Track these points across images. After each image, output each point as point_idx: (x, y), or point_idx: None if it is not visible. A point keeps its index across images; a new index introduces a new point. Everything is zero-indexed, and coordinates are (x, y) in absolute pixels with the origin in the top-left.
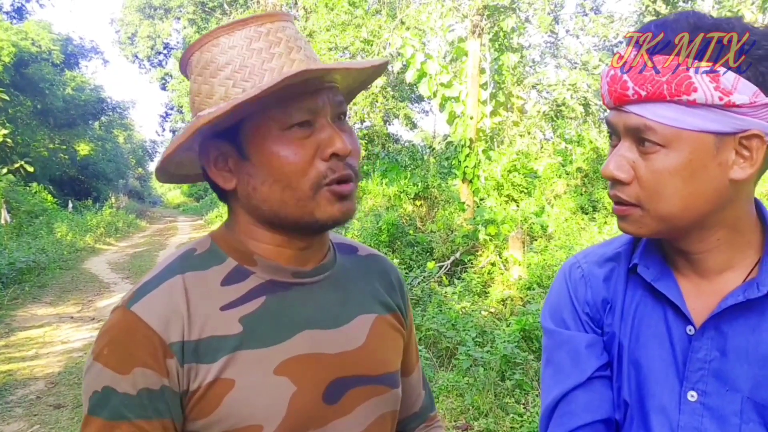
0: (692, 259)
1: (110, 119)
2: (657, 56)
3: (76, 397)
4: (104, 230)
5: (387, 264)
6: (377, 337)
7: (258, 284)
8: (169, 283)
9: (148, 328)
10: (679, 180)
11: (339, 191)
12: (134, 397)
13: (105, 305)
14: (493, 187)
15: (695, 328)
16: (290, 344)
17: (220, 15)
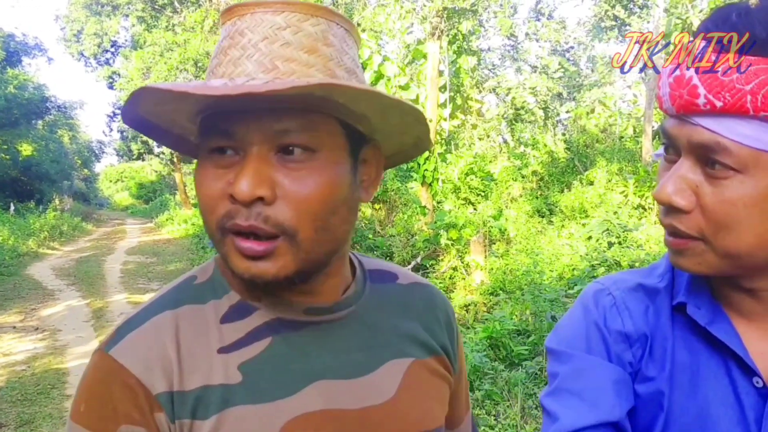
0: (757, 295)
1: (55, 119)
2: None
3: (19, 414)
4: (48, 234)
5: (434, 296)
6: (413, 387)
7: (263, 323)
8: (157, 320)
9: (129, 375)
10: (755, 213)
11: (241, 247)
12: None
13: (49, 314)
14: (451, 190)
15: (763, 381)
16: (300, 398)
17: (170, 12)
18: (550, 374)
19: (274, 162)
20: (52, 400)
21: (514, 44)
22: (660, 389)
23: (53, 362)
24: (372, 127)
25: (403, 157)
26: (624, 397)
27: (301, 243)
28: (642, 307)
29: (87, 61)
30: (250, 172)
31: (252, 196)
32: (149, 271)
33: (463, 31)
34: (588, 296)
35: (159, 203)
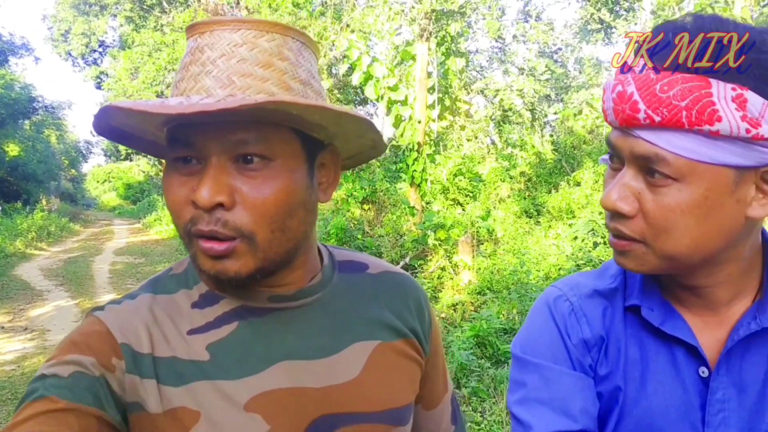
0: (700, 293)
1: (42, 119)
2: (677, 74)
3: (10, 413)
4: (36, 234)
5: (405, 284)
6: (378, 368)
7: (229, 309)
8: (136, 301)
9: (103, 326)
10: (691, 218)
11: (203, 248)
12: (64, 379)
13: (38, 314)
14: (439, 190)
15: (709, 369)
16: (264, 377)
17: (158, 13)
18: (515, 381)
19: (233, 170)
20: None
21: (501, 46)
22: (617, 385)
23: (43, 362)
24: (329, 133)
25: (363, 157)
26: (591, 403)
27: (259, 244)
28: (599, 311)
29: (75, 61)
30: (210, 180)
31: (211, 203)
32: (138, 272)
33: (451, 33)
34: (549, 303)
35: (146, 204)
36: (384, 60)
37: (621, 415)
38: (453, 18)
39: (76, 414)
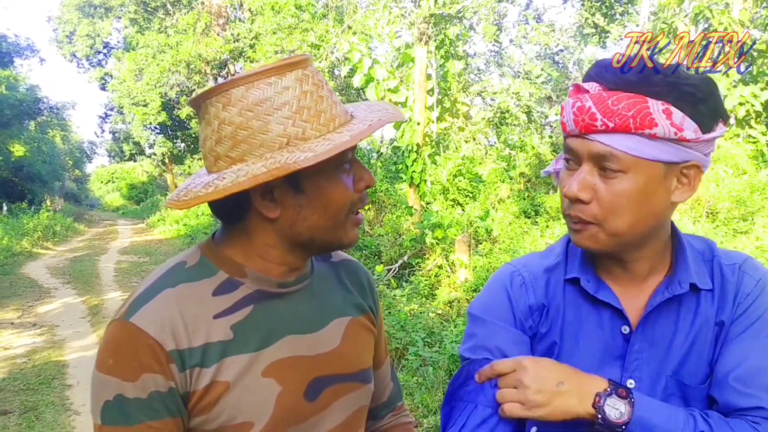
0: (626, 266)
1: (47, 119)
2: (620, 92)
3: (23, 402)
4: (41, 234)
5: (358, 268)
6: (351, 338)
7: (246, 294)
8: (162, 296)
9: (148, 336)
10: (634, 202)
11: (357, 219)
12: (146, 401)
13: (46, 311)
14: (439, 191)
15: (630, 327)
16: (274, 349)
17: (162, 15)
18: (468, 334)
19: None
20: (54, 389)
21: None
22: (554, 341)
23: (53, 355)
24: None
25: None
26: (519, 352)
27: None
28: (543, 283)
29: (79, 63)
30: (364, 168)
31: (374, 182)
32: (142, 270)
33: (450, 36)
34: (504, 277)
35: (150, 204)
36: (384, 62)
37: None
38: (451, 22)
39: (170, 427)
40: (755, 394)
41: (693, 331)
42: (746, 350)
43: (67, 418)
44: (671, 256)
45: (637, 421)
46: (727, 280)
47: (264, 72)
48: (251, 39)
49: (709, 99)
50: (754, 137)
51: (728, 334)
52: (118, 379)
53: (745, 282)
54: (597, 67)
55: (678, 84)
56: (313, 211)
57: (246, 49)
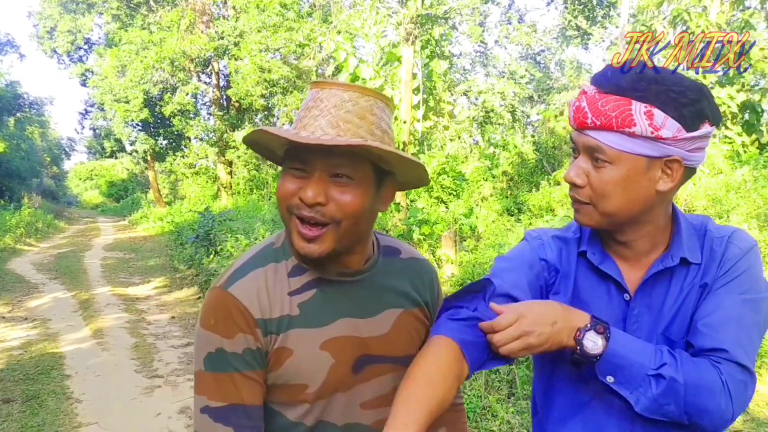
0: (628, 245)
1: (26, 116)
2: (610, 95)
3: (24, 391)
4: (24, 231)
5: (423, 266)
6: (400, 328)
7: (311, 279)
8: (253, 274)
9: (242, 305)
10: (619, 188)
11: (301, 230)
12: (240, 355)
13: (36, 305)
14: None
15: (630, 295)
16: (331, 327)
17: (145, 11)
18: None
19: (329, 182)
20: (53, 379)
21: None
22: (566, 301)
23: (48, 347)
24: (392, 166)
25: (412, 185)
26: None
27: (342, 229)
28: (557, 249)
29: (60, 59)
30: (314, 186)
31: (314, 201)
32: (129, 266)
33: (435, 36)
34: (528, 237)
35: (130, 201)
36: (370, 61)
37: None
38: (437, 22)
39: (258, 376)
40: (720, 338)
41: (681, 297)
42: (719, 302)
43: (69, 405)
44: (671, 235)
45: (610, 352)
46: (714, 251)
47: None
48: (236, 37)
49: (694, 103)
50: (730, 138)
51: (709, 292)
52: (219, 335)
53: (730, 250)
54: (598, 73)
55: (664, 89)
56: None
57: (231, 47)
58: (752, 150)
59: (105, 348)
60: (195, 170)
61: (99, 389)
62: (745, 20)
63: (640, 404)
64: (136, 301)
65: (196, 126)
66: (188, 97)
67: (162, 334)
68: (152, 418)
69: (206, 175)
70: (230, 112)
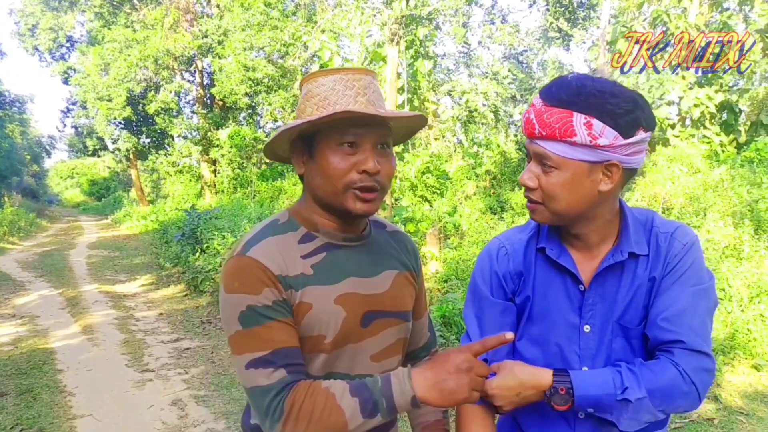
0: (580, 237)
1: (7, 114)
2: (554, 108)
3: (17, 385)
4: (7, 229)
5: (406, 238)
6: (397, 286)
7: (321, 244)
8: (265, 241)
9: (261, 264)
10: (565, 190)
11: (362, 196)
12: (271, 306)
13: (24, 302)
14: (408, 187)
15: (585, 286)
16: (342, 285)
17: (129, 9)
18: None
19: (377, 152)
20: (45, 373)
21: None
22: (528, 295)
23: (39, 343)
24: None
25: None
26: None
27: (384, 191)
28: (521, 252)
29: (41, 56)
30: (373, 157)
31: (377, 170)
32: (115, 264)
33: (419, 36)
34: (492, 249)
35: (112, 200)
36: (355, 61)
37: (530, 311)
38: (421, 23)
39: (290, 323)
40: (677, 330)
41: (633, 288)
42: (673, 297)
43: (63, 398)
44: (619, 228)
45: (578, 399)
46: (660, 245)
47: (319, 73)
48: (220, 35)
49: (629, 113)
50: (708, 138)
51: (660, 287)
52: (245, 294)
53: (674, 246)
54: (545, 87)
55: (601, 102)
56: (316, 174)
57: (215, 46)
58: (730, 150)
59: (95, 344)
60: (178, 169)
61: (91, 383)
62: (724, 22)
63: (623, 424)
64: (124, 298)
65: (180, 124)
66: (172, 96)
67: (151, 330)
68: (145, 409)
69: (190, 173)
70: (214, 110)
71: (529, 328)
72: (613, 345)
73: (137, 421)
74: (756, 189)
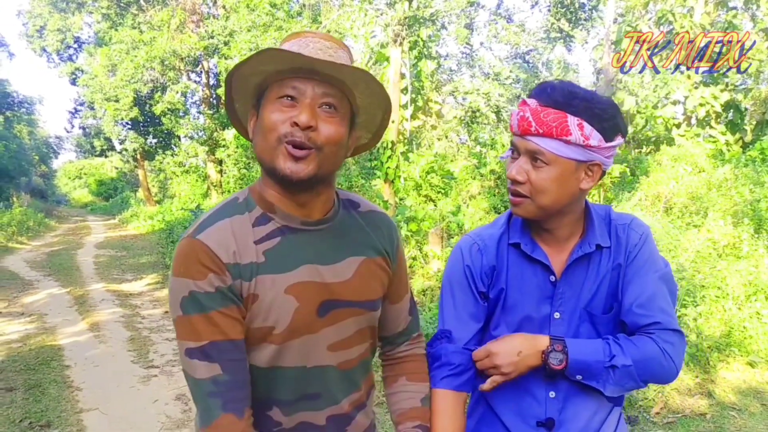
0: (551, 232)
1: (15, 114)
2: (549, 108)
3: (26, 381)
4: (16, 229)
5: (381, 218)
6: (362, 274)
7: (276, 228)
8: (220, 224)
9: (209, 249)
10: (554, 185)
11: (291, 152)
12: (214, 294)
13: (32, 301)
14: (412, 187)
15: (556, 277)
16: (296, 273)
17: (136, 11)
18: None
19: (317, 110)
20: (53, 369)
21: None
22: (502, 287)
23: (46, 340)
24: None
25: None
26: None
27: (324, 154)
28: (494, 248)
29: (49, 57)
30: (308, 111)
31: (308, 124)
32: (122, 264)
33: (423, 37)
34: (464, 246)
35: (120, 200)
36: (360, 61)
37: (504, 302)
38: (424, 24)
39: (235, 314)
40: (652, 314)
41: (599, 278)
42: (641, 285)
43: (70, 393)
44: (584, 223)
45: (572, 362)
46: (620, 236)
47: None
48: (226, 36)
49: (612, 118)
50: (714, 137)
51: (625, 275)
52: (190, 279)
53: (631, 236)
54: (537, 89)
55: (590, 106)
56: (258, 133)
57: (221, 46)
58: (736, 149)
59: (102, 341)
60: (185, 169)
61: (98, 378)
62: (729, 21)
63: (607, 390)
64: (130, 296)
65: (186, 125)
66: (178, 96)
67: (156, 328)
68: (150, 404)
69: (196, 173)
70: (220, 110)
71: (505, 317)
72: (580, 329)
73: (142, 414)
74: (759, 188)
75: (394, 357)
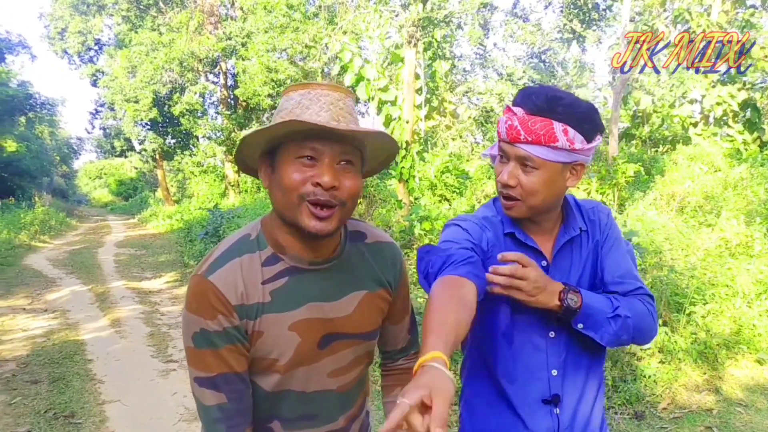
0: (539, 223)
1: (37, 115)
2: (536, 117)
3: (50, 374)
4: (38, 228)
5: (386, 248)
6: (363, 308)
7: (284, 268)
8: (231, 264)
9: (220, 292)
10: (543, 187)
11: (314, 212)
12: (222, 333)
13: (55, 298)
14: (427, 186)
15: (548, 261)
16: (299, 311)
17: (155, 13)
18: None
19: (337, 168)
20: (77, 363)
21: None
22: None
23: (70, 335)
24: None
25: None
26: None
27: (347, 209)
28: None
29: (71, 59)
30: (331, 172)
31: (332, 185)
32: (141, 262)
33: (437, 38)
34: (461, 222)
35: (139, 200)
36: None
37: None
38: (438, 25)
39: (240, 350)
40: (632, 282)
41: (583, 258)
42: (618, 259)
43: (93, 386)
44: (563, 212)
45: (585, 306)
46: (592, 219)
47: (292, 88)
48: (243, 37)
49: (591, 120)
50: (731, 136)
51: (601, 250)
52: (201, 317)
53: (600, 217)
54: (521, 96)
55: (572, 111)
56: (276, 187)
57: (238, 48)
58: (753, 148)
59: (123, 336)
60: (203, 169)
61: (119, 372)
62: (746, 19)
63: (605, 339)
64: (150, 294)
65: (204, 125)
66: (196, 97)
67: (175, 324)
68: (169, 396)
69: (214, 173)
70: (238, 111)
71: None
72: None
73: (162, 406)
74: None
75: (393, 369)
